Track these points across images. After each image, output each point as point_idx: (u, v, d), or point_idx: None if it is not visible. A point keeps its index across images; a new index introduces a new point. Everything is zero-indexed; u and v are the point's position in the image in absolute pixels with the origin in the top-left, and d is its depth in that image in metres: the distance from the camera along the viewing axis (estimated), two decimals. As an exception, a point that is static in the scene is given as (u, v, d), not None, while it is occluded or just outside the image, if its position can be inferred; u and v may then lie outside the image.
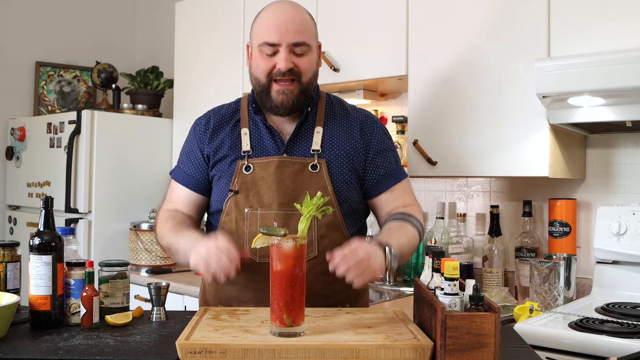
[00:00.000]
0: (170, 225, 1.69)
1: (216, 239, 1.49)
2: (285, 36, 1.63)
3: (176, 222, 1.70)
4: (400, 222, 1.66)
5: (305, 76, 1.67)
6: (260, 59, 1.67)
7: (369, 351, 1.19)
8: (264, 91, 1.68)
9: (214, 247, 1.47)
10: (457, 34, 2.28)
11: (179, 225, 1.68)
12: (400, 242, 1.57)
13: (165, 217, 1.74)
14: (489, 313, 1.14)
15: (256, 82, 1.70)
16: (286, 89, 1.65)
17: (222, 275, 1.45)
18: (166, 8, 3.89)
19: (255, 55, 1.69)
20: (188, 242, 1.59)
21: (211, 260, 1.46)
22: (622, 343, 1.62)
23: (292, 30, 1.63)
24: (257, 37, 1.68)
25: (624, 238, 2.17)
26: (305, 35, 1.66)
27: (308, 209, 1.33)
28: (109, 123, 3.22)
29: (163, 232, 1.71)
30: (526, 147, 2.12)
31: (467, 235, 2.62)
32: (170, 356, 1.23)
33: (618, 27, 1.93)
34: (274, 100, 1.67)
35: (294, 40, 1.64)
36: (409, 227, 1.65)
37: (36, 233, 1.47)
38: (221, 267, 1.45)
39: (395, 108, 2.87)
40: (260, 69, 1.67)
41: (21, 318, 1.52)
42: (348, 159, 1.70)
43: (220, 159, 1.72)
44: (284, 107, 1.67)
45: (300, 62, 1.66)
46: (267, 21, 1.66)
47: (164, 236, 1.70)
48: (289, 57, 1.64)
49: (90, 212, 3.15)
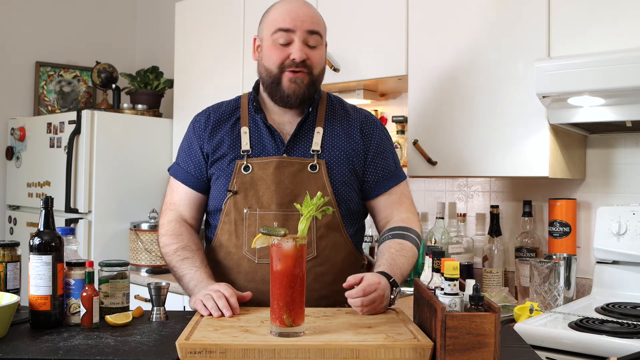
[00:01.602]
0: (175, 247, 1.69)
1: (219, 286, 1.51)
2: (301, 25, 1.64)
3: (182, 245, 1.69)
4: (400, 240, 1.66)
5: (316, 69, 1.68)
6: (272, 49, 1.67)
7: (369, 351, 1.19)
8: (274, 82, 1.68)
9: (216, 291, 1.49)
10: (457, 34, 2.28)
11: (184, 250, 1.68)
12: (404, 269, 1.60)
13: (170, 232, 1.73)
14: (489, 313, 1.14)
15: (267, 73, 1.69)
16: (298, 78, 1.66)
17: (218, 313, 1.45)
18: (166, 8, 3.89)
19: (267, 45, 1.68)
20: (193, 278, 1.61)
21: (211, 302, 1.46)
22: (622, 343, 1.62)
23: (307, 20, 1.66)
24: (270, 26, 1.68)
25: (624, 238, 2.17)
26: (318, 26, 1.69)
27: (308, 209, 1.33)
28: (109, 123, 3.22)
29: (167, 251, 1.71)
30: (526, 147, 2.12)
31: (467, 235, 2.62)
32: (170, 356, 1.23)
33: (618, 27, 1.93)
34: (285, 89, 1.67)
35: (309, 28, 1.65)
36: (408, 246, 1.66)
37: (36, 233, 1.47)
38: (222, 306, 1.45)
39: (395, 108, 2.87)
40: (273, 59, 1.67)
41: (21, 318, 1.51)
42: (348, 160, 1.70)
43: (220, 157, 1.72)
44: (296, 96, 1.67)
45: (313, 55, 1.67)
46: (282, 11, 1.67)
47: (168, 255, 1.70)
48: (302, 47, 1.65)
49: (90, 212, 3.15)
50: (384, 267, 1.55)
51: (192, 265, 1.64)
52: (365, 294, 1.42)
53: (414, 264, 1.66)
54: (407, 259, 1.62)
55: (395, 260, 1.59)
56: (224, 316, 1.43)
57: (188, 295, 1.62)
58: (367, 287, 1.43)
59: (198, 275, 1.61)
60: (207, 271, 1.64)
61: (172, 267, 1.69)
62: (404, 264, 1.60)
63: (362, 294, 1.42)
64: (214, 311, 1.44)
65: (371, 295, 1.43)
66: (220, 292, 1.48)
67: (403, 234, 1.68)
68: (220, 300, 1.45)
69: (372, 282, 1.44)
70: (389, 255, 1.61)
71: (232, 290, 1.50)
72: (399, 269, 1.57)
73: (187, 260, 1.65)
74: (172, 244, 1.70)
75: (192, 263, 1.64)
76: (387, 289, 1.48)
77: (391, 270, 1.54)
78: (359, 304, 1.43)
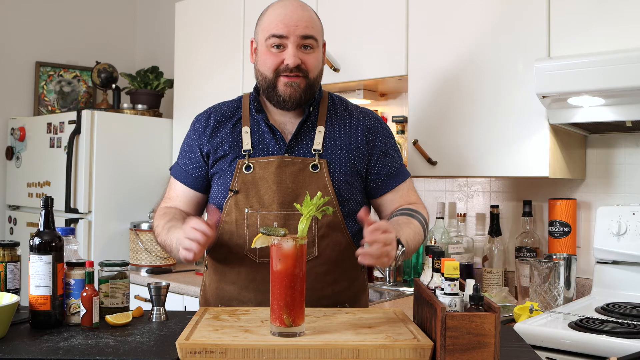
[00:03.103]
0: (163, 222, 1.69)
1: (187, 224, 1.49)
2: (294, 30, 1.63)
3: (169, 217, 1.70)
4: (408, 217, 1.65)
5: (312, 73, 1.67)
6: (267, 54, 1.66)
7: (369, 351, 1.18)
8: (270, 86, 1.67)
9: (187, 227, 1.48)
10: (457, 34, 2.28)
11: (171, 221, 1.68)
12: (409, 238, 1.56)
13: (160, 214, 1.75)
14: (489, 313, 1.14)
15: (262, 78, 1.69)
16: (293, 82, 1.65)
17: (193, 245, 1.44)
18: (166, 8, 3.89)
19: (262, 50, 1.68)
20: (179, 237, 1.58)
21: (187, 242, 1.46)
22: (622, 343, 1.62)
23: (300, 25, 1.64)
24: (264, 31, 1.67)
25: (624, 238, 2.17)
26: (313, 30, 1.66)
27: (308, 209, 1.33)
28: (109, 123, 3.22)
29: (158, 230, 1.71)
30: (526, 147, 2.12)
31: (467, 235, 2.62)
32: (170, 356, 1.23)
33: (618, 27, 1.93)
34: (281, 94, 1.66)
35: (303, 33, 1.63)
36: (416, 223, 1.64)
37: (36, 233, 1.47)
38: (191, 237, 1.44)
39: (395, 108, 2.87)
40: (267, 65, 1.66)
41: (21, 318, 1.51)
42: (350, 159, 1.70)
43: (221, 157, 1.72)
44: (291, 101, 1.67)
45: (308, 59, 1.66)
46: (276, 16, 1.66)
47: (159, 234, 1.70)
48: (297, 52, 1.63)
49: (90, 212, 3.15)
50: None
51: (179, 229, 1.62)
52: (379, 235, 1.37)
53: (419, 241, 1.63)
54: (414, 233, 1.60)
55: (401, 227, 1.56)
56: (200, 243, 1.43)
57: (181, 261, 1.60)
58: (382, 225, 1.38)
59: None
60: None
61: (163, 242, 1.68)
62: (409, 234, 1.57)
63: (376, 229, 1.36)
64: (193, 246, 1.43)
65: (384, 239, 1.37)
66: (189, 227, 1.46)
67: (411, 213, 1.67)
68: (192, 232, 1.44)
69: (386, 227, 1.40)
70: (396, 223, 1.58)
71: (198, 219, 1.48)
72: (404, 235, 1.53)
73: (173, 228, 1.64)
74: (161, 220, 1.70)
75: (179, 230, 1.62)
76: (395, 242, 1.43)
77: (397, 233, 1.49)
78: (375, 239, 1.36)
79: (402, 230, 1.56)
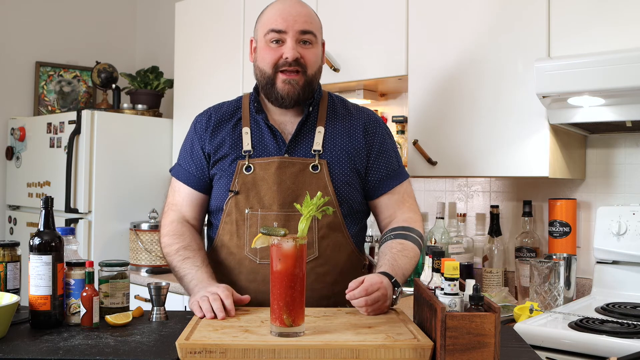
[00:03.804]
0: (177, 247, 1.69)
1: (217, 288, 1.50)
2: (293, 25, 1.64)
3: (183, 243, 1.69)
4: (402, 240, 1.65)
5: (310, 69, 1.68)
6: (266, 50, 1.67)
7: (369, 351, 1.19)
8: (269, 83, 1.68)
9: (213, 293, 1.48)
10: (457, 34, 2.28)
11: (187, 250, 1.68)
12: (405, 269, 1.59)
13: (171, 232, 1.73)
14: (489, 313, 1.14)
15: (261, 75, 1.70)
16: (292, 79, 1.65)
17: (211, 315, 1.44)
18: (166, 8, 3.89)
19: (261, 46, 1.69)
20: (194, 278, 1.60)
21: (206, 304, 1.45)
22: (622, 343, 1.62)
23: (299, 20, 1.65)
24: (263, 27, 1.68)
25: (624, 238, 2.17)
26: (311, 25, 1.68)
27: (308, 209, 1.33)
28: (109, 123, 3.22)
29: (169, 251, 1.70)
30: (526, 147, 2.12)
31: (467, 235, 2.62)
32: (170, 356, 1.23)
33: (618, 27, 1.93)
34: (279, 91, 1.67)
35: (302, 28, 1.65)
36: (410, 246, 1.65)
37: (36, 233, 1.47)
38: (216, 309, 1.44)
39: (395, 108, 2.87)
40: (267, 60, 1.67)
41: (21, 318, 1.51)
42: (349, 160, 1.70)
43: (221, 157, 1.72)
44: (290, 98, 1.67)
45: (306, 54, 1.66)
46: (275, 12, 1.68)
47: (170, 256, 1.70)
48: (295, 46, 1.64)
49: (90, 212, 3.15)
50: (385, 268, 1.55)
51: (193, 265, 1.64)
52: (368, 294, 1.42)
53: (415, 264, 1.65)
54: (409, 259, 1.62)
55: (396, 260, 1.59)
56: (217, 318, 1.42)
57: (189, 295, 1.62)
58: (370, 286, 1.43)
59: (199, 275, 1.61)
60: (208, 270, 1.63)
61: (173, 267, 1.69)
62: (406, 264, 1.60)
63: (364, 293, 1.42)
64: (207, 313, 1.43)
65: (374, 294, 1.43)
66: (216, 294, 1.47)
67: (405, 234, 1.67)
68: (216, 302, 1.45)
69: (374, 281, 1.44)
70: (391, 255, 1.61)
71: (229, 292, 1.49)
72: (401, 269, 1.57)
73: (188, 260, 1.65)
74: (174, 244, 1.70)
75: (193, 263, 1.64)
76: (389, 288, 1.47)
77: (393, 270, 1.54)
78: (363, 304, 1.43)
79: (397, 264, 1.58)
